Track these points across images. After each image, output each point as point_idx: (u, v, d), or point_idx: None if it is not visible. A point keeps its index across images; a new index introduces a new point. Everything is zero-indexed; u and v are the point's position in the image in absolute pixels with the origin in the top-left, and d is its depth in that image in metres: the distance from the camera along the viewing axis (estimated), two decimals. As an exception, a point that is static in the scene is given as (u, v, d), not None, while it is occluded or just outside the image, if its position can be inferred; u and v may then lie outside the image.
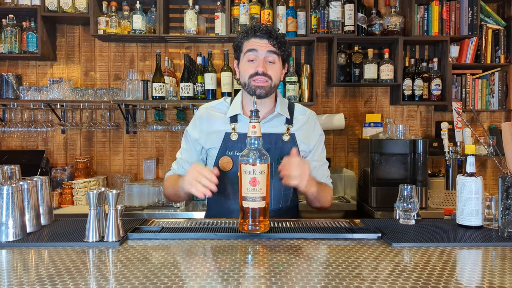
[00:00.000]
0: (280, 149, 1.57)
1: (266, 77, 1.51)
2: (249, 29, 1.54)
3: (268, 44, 1.51)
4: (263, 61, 1.51)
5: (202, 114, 1.67)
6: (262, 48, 1.51)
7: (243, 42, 1.55)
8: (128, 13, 2.98)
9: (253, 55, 1.52)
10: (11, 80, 3.02)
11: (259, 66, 1.50)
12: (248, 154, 1.22)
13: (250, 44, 1.52)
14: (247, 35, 1.54)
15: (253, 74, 1.51)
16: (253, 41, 1.52)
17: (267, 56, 1.52)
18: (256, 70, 1.50)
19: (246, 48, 1.53)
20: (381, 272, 0.95)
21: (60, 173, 2.96)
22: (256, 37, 1.52)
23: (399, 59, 3.05)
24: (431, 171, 3.13)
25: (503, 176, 1.25)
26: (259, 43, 1.51)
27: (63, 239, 1.19)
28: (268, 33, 1.51)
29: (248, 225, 1.22)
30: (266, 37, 1.51)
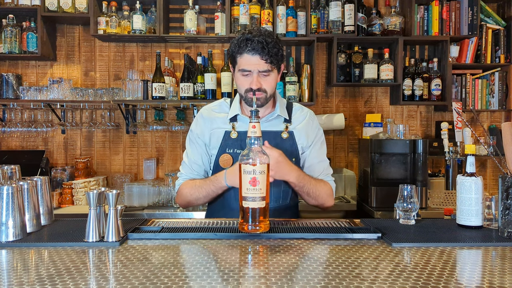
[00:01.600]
0: (279, 146, 1.58)
1: (260, 92, 1.51)
2: (241, 42, 1.48)
3: (260, 60, 1.47)
4: (257, 77, 1.50)
5: (204, 114, 1.70)
6: (255, 67, 1.49)
7: (237, 57, 1.52)
8: (128, 13, 2.98)
9: (247, 73, 1.51)
10: (11, 80, 3.02)
11: (252, 83, 1.50)
12: (248, 154, 1.22)
13: (244, 63, 1.49)
14: (239, 49, 1.49)
15: (248, 89, 1.52)
16: (246, 58, 1.48)
17: (260, 72, 1.50)
18: (250, 86, 1.51)
19: (240, 65, 1.51)
20: (381, 272, 0.95)
21: (60, 173, 2.96)
22: (248, 53, 1.47)
23: (399, 59, 3.05)
24: (431, 171, 3.13)
25: (503, 176, 1.25)
26: (252, 62, 1.48)
27: (63, 239, 1.19)
28: (260, 49, 1.46)
29: (248, 225, 1.22)
30: (258, 53, 1.46)
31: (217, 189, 1.53)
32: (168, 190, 2.80)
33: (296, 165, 1.63)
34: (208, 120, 1.67)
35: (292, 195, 1.68)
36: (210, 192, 1.55)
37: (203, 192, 1.57)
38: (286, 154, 1.59)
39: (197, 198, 1.60)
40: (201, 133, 1.67)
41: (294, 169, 1.49)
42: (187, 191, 1.62)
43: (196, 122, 1.71)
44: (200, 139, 1.67)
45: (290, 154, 1.61)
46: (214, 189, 1.54)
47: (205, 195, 1.58)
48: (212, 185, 1.53)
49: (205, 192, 1.57)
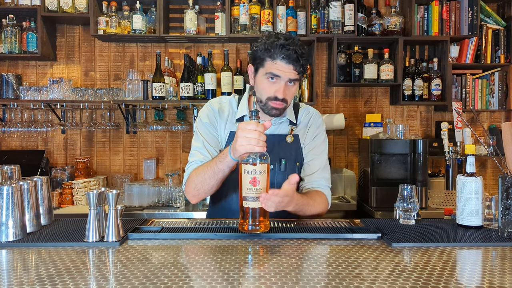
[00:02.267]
0: (284, 149, 1.57)
1: (283, 102, 1.47)
2: (275, 47, 1.42)
3: (292, 70, 1.43)
4: (285, 86, 1.45)
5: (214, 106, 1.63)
6: (286, 75, 1.44)
7: (266, 60, 1.45)
8: (128, 13, 2.98)
9: (274, 78, 1.45)
10: (11, 80, 3.02)
11: (279, 92, 1.44)
12: (249, 154, 1.22)
13: (275, 68, 1.43)
14: (273, 54, 1.42)
15: (271, 97, 1.46)
16: (279, 65, 1.42)
17: (289, 81, 1.46)
18: (275, 95, 1.45)
19: (268, 69, 1.45)
20: (381, 272, 0.95)
21: (60, 173, 2.96)
22: (282, 60, 1.42)
23: (399, 59, 3.05)
24: (431, 171, 3.13)
25: (503, 176, 1.25)
26: (284, 69, 1.43)
27: (63, 239, 1.19)
28: (295, 58, 1.41)
29: (248, 225, 1.22)
30: (292, 63, 1.42)
31: (224, 166, 1.38)
32: (168, 190, 2.80)
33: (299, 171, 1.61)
34: (218, 113, 1.61)
35: None
36: (216, 171, 1.41)
37: (208, 172, 1.43)
38: (290, 159, 1.57)
39: (203, 180, 1.45)
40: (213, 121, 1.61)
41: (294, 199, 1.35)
42: (193, 174, 1.50)
43: (207, 112, 1.63)
44: (212, 126, 1.61)
45: (294, 159, 1.59)
46: (220, 166, 1.39)
47: (211, 175, 1.43)
48: (218, 162, 1.40)
49: (211, 171, 1.42)
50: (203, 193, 1.49)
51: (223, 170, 1.40)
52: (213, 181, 1.44)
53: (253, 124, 1.23)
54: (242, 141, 1.22)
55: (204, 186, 1.46)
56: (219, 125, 1.61)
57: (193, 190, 1.50)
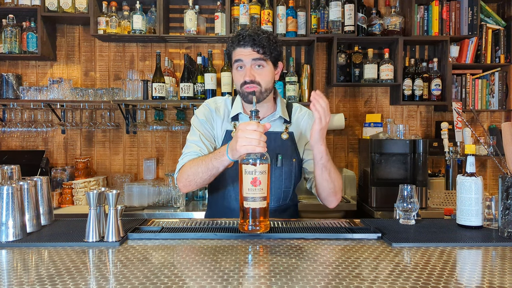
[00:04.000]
0: (279, 147, 1.60)
1: (254, 84, 1.52)
2: (234, 38, 1.55)
3: (252, 52, 1.51)
4: (250, 69, 1.52)
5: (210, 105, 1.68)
6: (247, 57, 1.52)
7: (231, 51, 1.57)
8: (128, 13, 2.98)
9: (240, 64, 1.54)
10: (11, 80, 3.02)
11: (246, 75, 1.52)
12: (249, 154, 1.22)
13: (236, 54, 1.54)
14: (232, 44, 1.56)
15: (242, 83, 1.53)
16: (238, 51, 1.53)
17: (254, 63, 1.52)
18: (244, 79, 1.52)
19: (234, 58, 1.56)
20: (381, 272, 0.95)
21: (60, 173, 2.96)
22: (240, 46, 1.52)
23: (399, 59, 3.05)
24: (431, 171, 3.13)
25: (503, 176, 1.26)
26: (243, 52, 1.52)
27: (63, 239, 1.19)
28: (251, 41, 1.50)
29: (249, 225, 1.22)
30: (249, 45, 1.50)
31: (218, 164, 1.40)
32: (168, 190, 2.80)
33: (296, 167, 1.64)
34: (214, 112, 1.65)
35: (292, 195, 1.68)
36: (210, 167, 1.42)
37: (202, 166, 1.44)
38: (286, 155, 1.60)
39: (196, 173, 1.47)
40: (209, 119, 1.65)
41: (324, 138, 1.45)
42: (187, 164, 1.52)
43: (203, 111, 1.67)
44: (208, 124, 1.64)
45: (291, 155, 1.61)
46: (215, 164, 1.41)
47: (204, 170, 1.44)
48: (213, 158, 1.41)
49: (205, 166, 1.44)
50: (194, 184, 1.51)
51: (217, 168, 1.42)
52: (206, 175, 1.46)
53: (253, 124, 1.23)
54: (242, 141, 1.23)
55: (196, 178, 1.48)
56: (215, 123, 1.65)
57: (185, 180, 1.52)
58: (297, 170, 1.65)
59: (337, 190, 1.55)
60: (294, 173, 1.63)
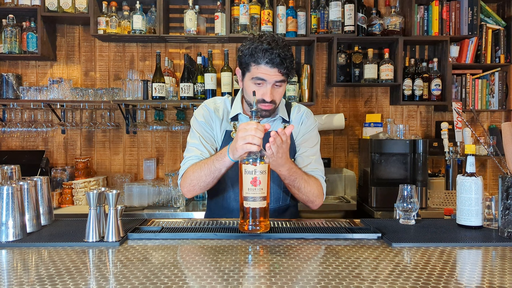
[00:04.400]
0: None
1: (271, 104, 1.49)
2: (259, 51, 1.43)
3: (277, 73, 1.45)
4: (272, 89, 1.47)
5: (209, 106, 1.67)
6: (272, 78, 1.45)
7: (252, 65, 1.46)
8: (128, 13, 2.98)
9: (260, 82, 1.47)
10: (11, 80, 3.02)
11: (266, 95, 1.46)
12: (249, 154, 1.22)
13: (259, 72, 1.45)
14: (257, 59, 1.44)
15: (259, 100, 1.47)
16: (263, 69, 1.44)
17: (275, 83, 1.47)
18: (263, 98, 1.47)
19: (254, 74, 1.46)
20: (381, 272, 0.95)
21: (60, 173, 2.96)
22: (266, 65, 1.43)
23: (399, 59, 3.05)
24: (431, 171, 3.13)
25: (503, 176, 1.25)
26: (269, 73, 1.44)
27: (63, 239, 1.19)
28: (279, 62, 1.43)
29: (249, 225, 1.22)
30: (276, 66, 1.44)
31: (220, 166, 1.41)
32: (168, 190, 2.80)
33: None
34: (213, 113, 1.64)
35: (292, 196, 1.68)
36: (212, 169, 1.43)
37: (205, 170, 1.45)
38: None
39: (199, 177, 1.47)
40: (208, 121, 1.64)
41: (289, 161, 1.43)
42: (190, 169, 1.52)
43: (202, 112, 1.66)
44: (207, 125, 1.64)
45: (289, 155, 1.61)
46: (217, 166, 1.41)
47: (207, 173, 1.44)
48: (216, 161, 1.42)
49: (207, 169, 1.44)
50: (198, 189, 1.52)
51: (220, 169, 1.43)
52: (209, 178, 1.46)
53: (253, 124, 1.24)
54: (242, 141, 1.23)
55: (199, 182, 1.49)
56: (214, 124, 1.64)
57: (189, 185, 1.52)
58: None
59: (312, 199, 1.55)
60: None
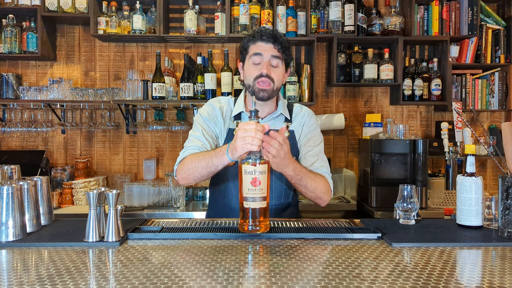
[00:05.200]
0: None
1: (269, 80, 1.55)
2: (255, 33, 1.58)
3: (273, 48, 1.55)
4: (267, 63, 1.56)
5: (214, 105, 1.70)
6: (267, 52, 1.55)
7: (249, 45, 1.59)
8: (128, 13, 2.98)
9: (258, 59, 1.56)
10: (11, 80, 3.02)
11: (263, 68, 1.55)
12: (249, 154, 1.22)
13: (256, 48, 1.57)
14: (253, 38, 1.58)
15: (257, 76, 1.55)
16: (259, 45, 1.56)
17: (271, 60, 1.56)
18: (260, 72, 1.54)
19: (252, 51, 1.58)
20: (381, 272, 0.95)
21: (60, 173, 2.96)
22: (262, 41, 1.56)
23: (399, 59, 3.05)
24: (431, 171, 3.13)
25: (503, 176, 1.25)
26: (264, 47, 1.56)
27: (63, 239, 1.19)
28: (274, 38, 1.55)
29: (249, 225, 1.22)
30: (271, 42, 1.55)
31: (218, 162, 1.43)
32: (168, 190, 2.80)
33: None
34: (218, 110, 1.68)
35: (294, 194, 1.70)
36: (209, 164, 1.44)
37: (203, 162, 1.46)
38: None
39: (195, 168, 1.49)
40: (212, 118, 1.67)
41: (293, 161, 1.45)
42: (188, 158, 1.54)
43: (207, 110, 1.69)
44: (211, 122, 1.66)
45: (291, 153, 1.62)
46: (215, 162, 1.43)
47: (204, 166, 1.46)
48: (214, 156, 1.43)
49: (205, 162, 1.46)
50: (192, 178, 1.53)
51: (217, 166, 1.44)
52: (205, 171, 1.48)
53: (252, 124, 1.24)
54: (241, 141, 1.24)
55: (195, 173, 1.50)
56: (218, 122, 1.67)
57: (184, 173, 1.54)
58: None
59: (320, 196, 1.57)
60: None
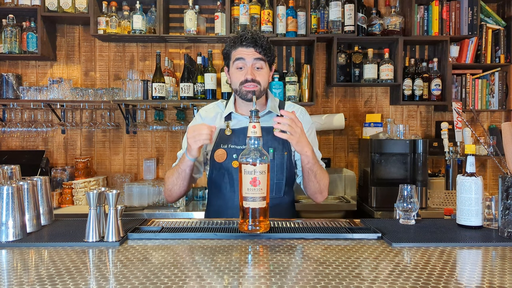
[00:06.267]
0: (271, 140, 1.64)
1: (254, 83, 1.60)
2: (236, 38, 1.62)
3: (254, 52, 1.60)
4: (251, 68, 1.60)
5: (202, 114, 1.79)
6: (249, 57, 1.60)
7: (231, 51, 1.64)
8: (128, 13, 2.98)
9: (241, 63, 1.61)
10: (11, 80, 3.02)
11: (247, 73, 1.59)
12: (249, 154, 1.22)
13: (238, 53, 1.61)
14: (234, 44, 1.62)
15: (243, 81, 1.60)
16: (240, 50, 1.61)
17: (254, 63, 1.61)
18: (245, 77, 1.60)
19: (234, 57, 1.63)
20: (381, 272, 0.95)
21: (60, 173, 2.96)
22: (242, 46, 1.60)
23: (399, 59, 3.05)
24: (431, 171, 3.13)
25: (503, 176, 1.25)
26: (246, 52, 1.60)
27: (63, 239, 1.19)
28: (254, 42, 1.59)
29: (248, 225, 1.22)
30: (252, 46, 1.59)
31: (184, 166, 1.55)
32: (168, 190, 2.80)
33: (288, 160, 1.67)
34: (206, 119, 1.74)
35: (286, 189, 1.69)
36: (180, 171, 1.57)
37: (175, 173, 1.59)
38: (278, 149, 1.65)
39: (172, 181, 1.61)
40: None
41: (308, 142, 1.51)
42: (165, 177, 1.67)
43: (195, 121, 1.79)
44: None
45: (282, 149, 1.65)
46: (182, 167, 1.56)
47: (176, 176, 1.59)
48: (180, 163, 1.57)
49: (177, 172, 1.59)
50: (174, 194, 1.65)
51: (185, 170, 1.57)
52: (179, 181, 1.60)
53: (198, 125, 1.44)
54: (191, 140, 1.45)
55: (174, 187, 1.62)
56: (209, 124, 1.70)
57: (167, 191, 1.66)
58: (289, 163, 1.68)
59: (322, 189, 1.65)
60: (286, 166, 1.67)
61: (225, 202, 1.66)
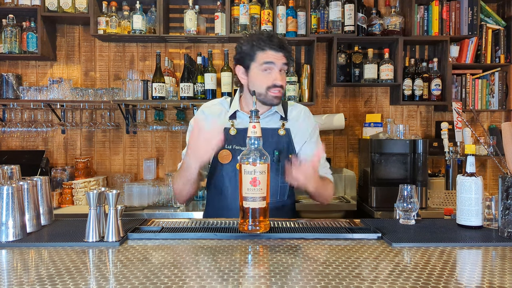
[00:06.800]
0: (276, 142, 1.63)
1: (280, 88, 1.58)
2: (264, 40, 1.56)
3: (282, 57, 1.57)
4: (281, 73, 1.58)
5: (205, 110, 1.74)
6: (279, 61, 1.56)
7: (257, 53, 1.56)
8: (128, 13, 2.98)
9: (269, 67, 1.56)
10: (11, 80, 3.02)
11: (277, 79, 1.56)
12: (249, 154, 1.22)
13: (267, 57, 1.55)
14: (262, 45, 1.55)
15: (270, 86, 1.56)
16: (270, 54, 1.55)
17: (282, 67, 1.58)
18: (274, 82, 1.56)
19: (262, 59, 1.56)
20: (381, 272, 0.95)
21: (60, 173, 2.96)
22: (272, 49, 1.55)
23: (399, 59, 3.05)
24: (431, 171, 3.13)
25: (503, 176, 1.25)
26: (275, 56, 1.56)
27: (63, 239, 1.19)
28: (283, 47, 1.57)
29: (248, 225, 1.22)
30: (281, 50, 1.56)
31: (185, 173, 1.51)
32: (168, 190, 2.80)
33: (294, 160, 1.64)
34: (211, 116, 1.69)
35: (290, 192, 1.69)
36: (182, 176, 1.53)
37: (182, 178, 1.55)
38: (283, 151, 1.64)
39: (179, 186, 1.59)
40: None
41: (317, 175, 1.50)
42: (173, 180, 1.65)
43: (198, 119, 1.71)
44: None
45: (287, 150, 1.64)
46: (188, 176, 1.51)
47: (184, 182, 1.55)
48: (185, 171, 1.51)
49: (179, 177, 1.56)
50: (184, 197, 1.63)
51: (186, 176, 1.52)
52: (187, 186, 1.56)
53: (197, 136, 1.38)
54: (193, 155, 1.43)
55: (182, 192, 1.60)
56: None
57: (177, 195, 1.65)
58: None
59: (327, 199, 1.68)
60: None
61: (227, 204, 1.63)
